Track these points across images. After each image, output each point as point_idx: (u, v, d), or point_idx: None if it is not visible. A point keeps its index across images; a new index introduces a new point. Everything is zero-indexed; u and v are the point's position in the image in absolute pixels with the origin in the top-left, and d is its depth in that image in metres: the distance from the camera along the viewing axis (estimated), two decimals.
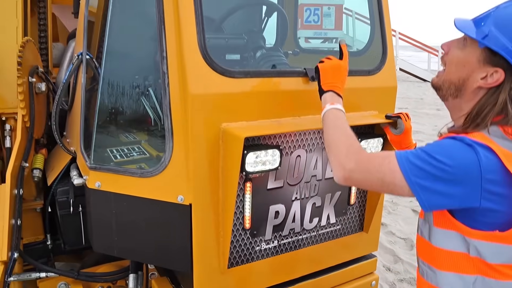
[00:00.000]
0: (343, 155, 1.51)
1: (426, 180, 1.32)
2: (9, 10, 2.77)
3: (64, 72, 3.26)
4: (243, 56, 2.38)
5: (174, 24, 1.78)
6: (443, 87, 1.54)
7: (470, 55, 1.45)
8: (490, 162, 1.30)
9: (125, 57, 2.35)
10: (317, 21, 9.59)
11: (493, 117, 1.41)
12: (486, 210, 1.34)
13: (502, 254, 1.38)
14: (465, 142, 1.33)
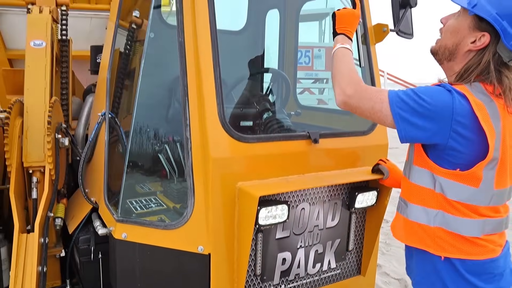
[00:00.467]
0: (345, 83, 1.76)
1: (407, 112, 1.58)
2: (39, 73, 3.05)
3: (82, 125, 3.53)
4: (255, 123, 2.69)
5: (197, 97, 2.08)
6: (439, 52, 1.78)
7: (462, 22, 1.70)
8: (462, 107, 1.54)
9: (151, 121, 2.63)
10: (308, 63, 9.98)
11: (477, 74, 1.65)
12: (451, 149, 1.60)
13: (460, 193, 1.64)
14: (446, 88, 1.60)
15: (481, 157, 1.57)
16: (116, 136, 2.89)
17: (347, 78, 1.78)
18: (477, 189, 1.62)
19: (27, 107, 2.94)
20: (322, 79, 9.90)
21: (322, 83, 10.36)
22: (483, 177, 1.59)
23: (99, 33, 4.38)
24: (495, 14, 1.59)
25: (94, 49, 3.81)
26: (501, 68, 1.65)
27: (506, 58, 1.64)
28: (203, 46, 2.07)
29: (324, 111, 3.55)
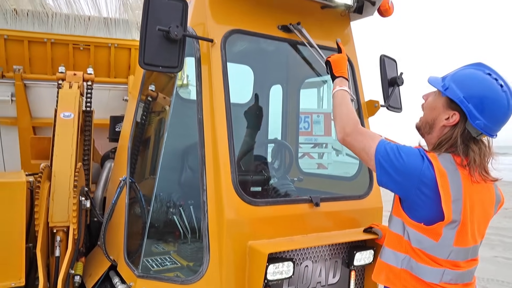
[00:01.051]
0: (345, 122, 2.07)
1: (386, 162, 1.87)
2: (67, 141, 3.40)
3: (101, 189, 3.82)
4: (263, 188, 3.00)
5: (213, 166, 2.39)
6: (421, 127, 2.07)
7: (438, 101, 1.98)
8: (428, 172, 1.82)
9: (171, 186, 2.94)
10: (308, 128, 10.38)
11: (448, 147, 1.91)
12: (417, 204, 1.88)
13: (422, 243, 1.90)
14: (421, 153, 1.88)
15: (441, 217, 1.84)
16: (135, 199, 3.17)
17: (347, 117, 2.10)
18: (436, 242, 1.88)
19: (55, 171, 3.25)
20: (321, 143, 10.29)
21: (322, 147, 10.73)
22: (443, 234, 1.86)
23: (116, 103, 4.80)
24: (462, 97, 1.87)
25: (113, 119, 4.19)
26: (469, 142, 1.91)
27: (474, 134, 1.90)
28: (219, 123, 2.42)
29: (323, 177, 3.86)
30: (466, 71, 1.97)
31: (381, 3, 3.10)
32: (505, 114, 1.90)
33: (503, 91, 1.86)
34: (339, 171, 8.14)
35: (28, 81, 4.48)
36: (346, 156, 8.92)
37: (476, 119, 1.85)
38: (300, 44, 2.93)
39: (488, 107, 1.86)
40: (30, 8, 4.35)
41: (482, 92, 1.87)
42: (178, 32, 2.29)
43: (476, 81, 1.90)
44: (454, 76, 1.96)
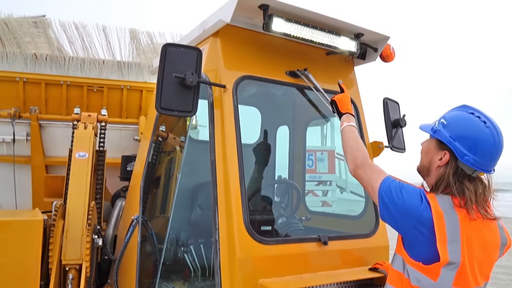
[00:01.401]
0: (355, 154, 2.23)
1: (388, 198, 1.98)
2: (81, 180, 3.52)
3: (112, 227, 3.89)
4: (273, 227, 3.08)
5: (225, 206, 2.49)
6: (421, 170, 2.19)
7: (430, 145, 2.13)
8: (426, 212, 1.90)
9: (182, 227, 3.02)
10: (312, 166, 10.47)
11: (444, 187, 2.00)
12: (415, 243, 1.96)
13: (421, 281, 1.95)
14: (421, 194, 1.97)
15: (438, 257, 1.89)
16: (146, 237, 3.25)
17: (357, 150, 2.26)
18: (435, 282, 1.93)
19: (69, 210, 3.35)
20: (325, 181, 10.34)
21: (326, 185, 10.77)
22: (441, 274, 1.91)
23: (127, 142, 4.94)
24: (449, 136, 2.02)
25: (125, 158, 4.31)
26: (464, 180, 2.00)
27: (469, 171, 2.00)
28: (231, 164, 2.53)
29: (329, 216, 3.94)
30: (452, 113, 2.15)
31: (383, 50, 3.27)
32: (493, 148, 2.01)
33: (487, 127, 2.00)
34: (343, 208, 8.17)
35: (43, 121, 4.65)
36: (351, 194, 8.96)
37: (464, 155, 1.97)
38: (306, 88, 3.08)
39: (474, 143, 1.98)
40: (49, 52, 4.56)
41: (466, 130, 2.02)
42: (193, 79, 2.44)
43: (460, 121, 2.06)
44: (441, 120, 2.13)
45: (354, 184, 7.53)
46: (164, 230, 3.27)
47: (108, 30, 4.82)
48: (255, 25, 2.87)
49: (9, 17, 4.49)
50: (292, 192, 3.73)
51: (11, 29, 4.45)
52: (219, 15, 2.72)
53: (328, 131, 5.90)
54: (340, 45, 3.03)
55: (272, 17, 2.67)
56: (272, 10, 2.68)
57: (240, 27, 2.84)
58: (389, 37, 3.21)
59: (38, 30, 4.65)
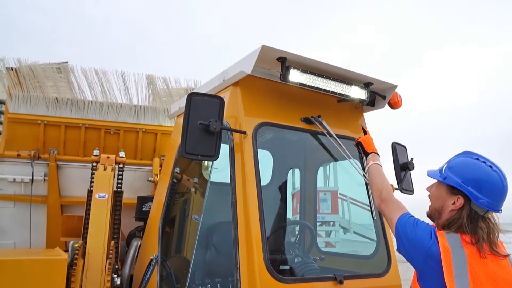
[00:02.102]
0: (380, 189, 2.48)
1: (402, 232, 2.16)
2: (101, 220, 3.64)
3: (128, 266, 3.98)
4: (291, 266, 3.18)
5: (246, 246, 2.61)
6: (432, 214, 2.28)
7: (441, 190, 2.23)
8: (435, 247, 2.02)
9: (201, 266, 3.12)
10: None
11: (457, 228, 2.09)
12: (426, 275, 2.07)
13: None
14: (432, 231, 2.10)
15: None
16: (165, 276, 3.33)
17: (381, 185, 2.50)
18: None
19: (89, 249, 3.46)
20: (328, 221, 10.32)
21: (329, 225, 10.75)
22: None
23: (141, 183, 5.09)
24: (461, 182, 2.13)
25: (140, 199, 4.45)
26: (477, 221, 2.10)
27: (481, 212, 2.11)
28: (251, 206, 2.67)
29: (341, 256, 4.03)
30: (458, 160, 2.28)
31: (390, 97, 3.47)
32: (502, 189, 2.14)
33: (494, 171, 2.15)
34: (347, 249, 8.17)
35: (60, 162, 4.82)
36: (354, 234, 8.92)
37: (479, 198, 2.09)
38: (319, 134, 3.26)
39: (485, 186, 2.11)
40: (70, 96, 4.79)
41: (477, 174, 2.15)
42: (217, 126, 2.62)
43: (469, 166, 2.20)
44: (449, 166, 2.25)
45: (357, 225, 7.55)
46: (180, 269, 3.37)
47: (126, 76, 5.07)
48: (273, 75, 3.08)
49: (35, 64, 4.74)
50: (306, 233, 3.84)
51: (36, 75, 4.69)
52: (240, 67, 2.93)
53: (331, 172, 6.01)
54: (351, 94, 3.23)
55: (290, 69, 2.88)
56: (289, 62, 2.89)
57: (259, 77, 3.05)
58: (397, 86, 3.42)
59: (61, 76, 4.89)
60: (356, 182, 3.44)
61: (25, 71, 4.68)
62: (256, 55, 2.76)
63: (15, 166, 4.68)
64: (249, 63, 2.83)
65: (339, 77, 3.16)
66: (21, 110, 4.62)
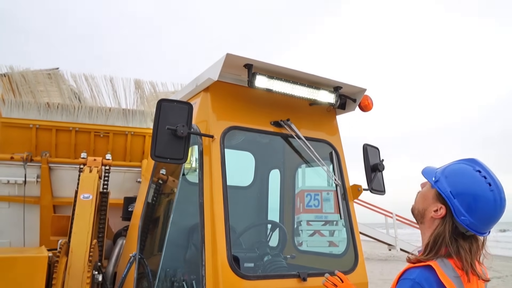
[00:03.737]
0: None
1: None
2: (85, 220, 3.80)
3: (112, 264, 4.14)
4: (256, 264, 3.32)
5: (211, 244, 2.75)
6: (414, 212, 2.05)
7: (429, 192, 1.97)
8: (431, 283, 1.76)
9: (175, 262, 3.27)
10: (318, 205, 10.65)
11: (444, 248, 1.82)
12: None
13: None
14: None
15: None
16: (143, 274, 3.49)
17: None
18: None
19: (72, 247, 3.61)
20: (332, 221, 10.42)
21: (332, 225, 10.87)
22: None
23: (130, 184, 5.25)
24: (449, 192, 1.87)
25: (126, 199, 4.61)
26: (458, 238, 1.86)
27: (463, 230, 1.86)
28: (217, 206, 2.81)
29: (316, 254, 4.15)
30: (457, 166, 1.99)
31: (361, 100, 3.59)
32: (492, 214, 1.87)
33: (491, 190, 1.85)
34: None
35: (52, 164, 4.99)
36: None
37: (462, 215, 1.85)
38: (290, 137, 3.39)
39: (474, 205, 1.84)
40: (60, 101, 4.97)
41: (469, 189, 1.88)
42: (184, 131, 2.76)
43: (465, 177, 1.91)
44: (445, 170, 1.98)
45: (360, 225, 7.59)
46: (155, 267, 3.52)
47: (115, 81, 5.24)
48: (242, 80, 3.21)
49: (27, 70, 4.93)
50: (280, 232, 3.98)
51: (28, 81, 4.88)
52: (209, 73, 3.08)
53: (336, 171, 6.06)
54: (320, 98, 3.36)
55: (256, 75, 3.02)
56: (255, 68, 3.03)
57: (228, 83, 3.19)
58: (366, 89, 3.54)
59: (51, 81, 5.07)
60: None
61: (17, 78, 4.86)
62: (222, 63, 2.90)
63: (9, 168, 4.86)
64: (216, 70, 2.98)
65: (307, 82, 3.29)
66: (14, 115, 4.80)
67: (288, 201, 4.40)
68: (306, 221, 4.67)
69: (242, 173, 4.51)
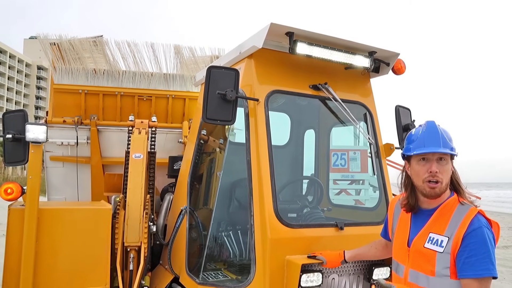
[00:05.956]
0: None
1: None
2: (138, 177, 4.18)
3: (162, 217, 4.55)
4: (298, 214, 3.66)
5: (259, 196, 3.08)
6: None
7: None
8: None
9: (223, 216, 3.63)
10: (344, 165, 10.89)
11: None
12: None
13: None
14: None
15: None
16: (193, 225, 3.88)
17: None
18: None
19: (129, 202, 4.02)
20: (358, 180, 10.67)
21: (358, 184, 11.13)
22: None
23: (172, 144, 5.61)
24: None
25: (171, 158, 4.97)
26: None
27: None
28: (263, 163, 3.12)
29: (350, 208, 4.47)
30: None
31: (394, 64, 3.78)
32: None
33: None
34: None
35: (100, 127, 5.38)
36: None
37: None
38: (327, 99, 3.63)
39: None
40: (106, 68, 5.29)
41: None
42: (232, 95, 3.04)
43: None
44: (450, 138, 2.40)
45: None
46: (207, 219, 3.90)
47: (156, 47, 5.51)
48: (283, 47, 3.44)
49: (74, 39, 5.24)
50: (316, 187, 4.30)
51: (76, 48, 5.20)
52: (253, 41, 3.31)
53: (361, 131, 6.28)
54: (356, 62, 3.56)
55: (297, 42, 3.24)
56: (296, 36, 3.25)
57: (271, 50, 3.42)
58: (399, 53, 3.72)
59: (97, 48, 5.38)
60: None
61: (66, 46, 5.19)
62: (266, 31, 3.13)
63: (62, 131, 5.27)
64: (260, 38, 3.21)
65: (344, 48, 3.49)
66: (64, 81, 5.16)
67: (322, 159, 4.69)
68: (332, 180, 4.80)
69: (279, 133, 4.78)
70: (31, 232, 3.37)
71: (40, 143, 3.38)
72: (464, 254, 2.13)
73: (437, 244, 2.21)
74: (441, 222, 2.26)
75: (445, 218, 2.26)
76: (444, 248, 2.18)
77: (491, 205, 33.77)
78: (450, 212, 2.26)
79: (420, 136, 2.36)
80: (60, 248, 3.52)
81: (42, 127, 3.32)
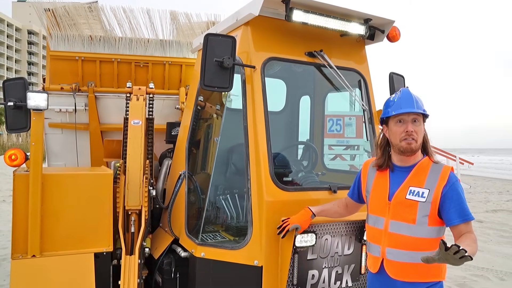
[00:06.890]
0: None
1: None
2: (137, 143, 4.28)
3: (161, 182, 4.67)
4: (293, 178, 3.79)
5: (255, 160, 3.20)
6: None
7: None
8: None
9: (221, 180, 3.76)
10: (340, 130, 11.02)
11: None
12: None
13: None
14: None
15: None
16: (192, 188, 4.01)
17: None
18: None
19: (129, 167, 4.13)
20: (353, 146, 10.84)
21: (353, 149, 11.31)
22: None
23: (169, 111, 5.68)
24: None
25: (169, 124, 5.05)
26: None
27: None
28: (259, 129, 3.22)
29: (343, 172, 4.61)
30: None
31: (389, 31, 3.82)
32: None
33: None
34: None
35: (98, 94, 5.43)
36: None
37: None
38: (322, 66, 3.70)
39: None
40: (102, 34, 5.29)
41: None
42: (230, 62, 3.10)
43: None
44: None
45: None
46: (205, 183, 4.03)
47: (151, 13, 5.49)
48: (279, 14, 3.47)
49: (68, 4, 5.21)
50: (311, 152, 4.42)
51: (70, 14, 5.18)
52: (249, 9, 3.35)
53: (357, 97, 6.35)
54: (351, 29, 3.61)
55: (293, 10, 3.28)
56: (292, 3, 3.29)
57: (267, 17, 3.46)
58: (394, 21, 3.76)
59: (92, 14, 5.36)
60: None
61: (61, 12, 5.16)
62: None
63: (59, 98, 5.31)
64: (257, 6, 3.25)
65: (340, 15, 3.54)
66: (60, 48, 5.16)
67: (317, 124, 4.79)
68: (328, 145, 4.87)
69: (275, 99, 4.86)
70: (36, 196, 3.48)
71: (41, 110, 3.45)
72: (451, 205, 2.49)
73: (419, 195, 2.56)
74: (420, 178, 2.60)
75: (423, 174, 2.60)
76: (426, 198, 2.53)
77: (483, 171, 34.26)
78: (427, 169, 2.61)
79: (397, 101, 2.68)
80: (65, 211, 3.65)
81: (43, 94, 3.38)
